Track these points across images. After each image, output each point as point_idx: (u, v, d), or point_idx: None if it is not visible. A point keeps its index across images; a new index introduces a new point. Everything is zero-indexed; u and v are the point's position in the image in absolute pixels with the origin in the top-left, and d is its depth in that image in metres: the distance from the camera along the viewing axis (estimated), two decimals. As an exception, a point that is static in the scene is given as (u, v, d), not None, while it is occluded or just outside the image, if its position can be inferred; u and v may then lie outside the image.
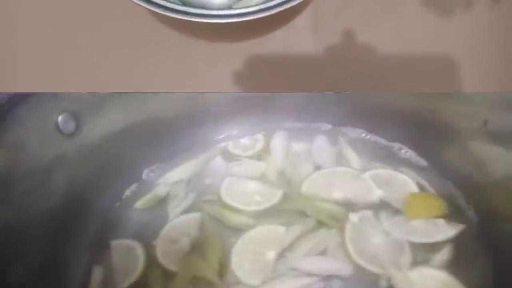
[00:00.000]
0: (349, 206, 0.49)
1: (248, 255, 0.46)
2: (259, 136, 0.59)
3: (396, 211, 0.48)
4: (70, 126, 0.46)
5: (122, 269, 0.47)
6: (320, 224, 0.48)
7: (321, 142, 0.57)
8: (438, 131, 0.51)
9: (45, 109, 0.44)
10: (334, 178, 0.52)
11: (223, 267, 0.46)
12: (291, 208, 0.50)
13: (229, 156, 0.58)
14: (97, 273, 0.47)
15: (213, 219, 0.50)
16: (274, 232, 0.48)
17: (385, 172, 0.53)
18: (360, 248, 0.45)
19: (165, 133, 0.57)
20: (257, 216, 0.50)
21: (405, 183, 0.51)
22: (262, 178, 0.54)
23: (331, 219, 0.48)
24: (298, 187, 0.52)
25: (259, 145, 0.58)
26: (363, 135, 0.59)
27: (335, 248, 0.46)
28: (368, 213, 0.48)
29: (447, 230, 0.46)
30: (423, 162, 0.54)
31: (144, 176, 0.58)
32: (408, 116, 0.54)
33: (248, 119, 0.60)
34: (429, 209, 0.47)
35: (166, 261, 0.47)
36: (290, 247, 0.47)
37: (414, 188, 0.50)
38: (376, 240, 0.46)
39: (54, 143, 0.46)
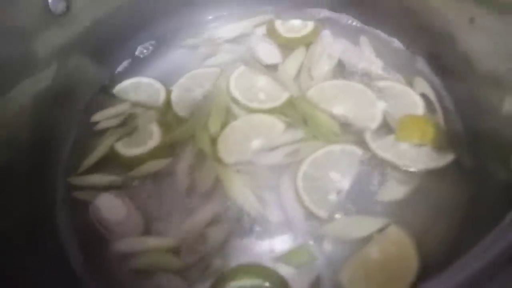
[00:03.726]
0: (346, 126, 0.49)
1: (237, 135, 0.48)
2: (310, 23, 0.58)
3: (390, 131, 0.48)
4: (60, 6, 0.47)
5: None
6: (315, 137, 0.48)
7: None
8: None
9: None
10: (344, 92, 0.51)
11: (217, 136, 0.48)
12: (292, 113, 0.50)
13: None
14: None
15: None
16: (273, 125, 0.49)
17: (398, 87, 0.51)
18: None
19: (157, 11, 0.57)
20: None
21: (414, 104, 0.49)
22: (275, 73, 0.54)
23: (325, 136, 0.48)
24: (305, 91, 0.51)
25: (307, 30, 0.57)
26: (354, 23, 0.59)
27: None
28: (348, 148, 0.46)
29: (430, 161, 0.45)
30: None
31: (137, 53, 0.60)
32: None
33: (241, 1, 0.60)
34: (420, 133, 0.46)
35: (178, 106, 0.52)
36: (276, 145, 0.47)
37: (421, 111, 0.48)
38: (335, 176, 0.45)
39: (43, 23, 0.46)
